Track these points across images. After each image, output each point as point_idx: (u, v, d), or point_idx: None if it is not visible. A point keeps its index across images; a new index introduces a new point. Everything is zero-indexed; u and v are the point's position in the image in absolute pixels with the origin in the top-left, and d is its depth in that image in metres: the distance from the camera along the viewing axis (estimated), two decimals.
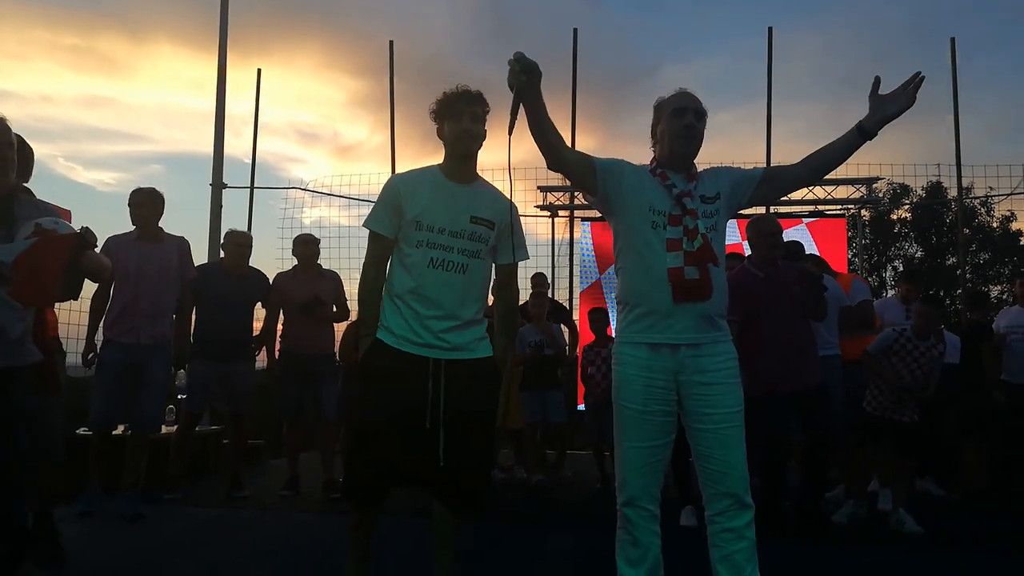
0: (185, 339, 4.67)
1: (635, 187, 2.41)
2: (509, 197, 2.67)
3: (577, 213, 8.81)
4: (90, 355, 4.39)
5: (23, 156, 2.85)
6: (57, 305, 3.44)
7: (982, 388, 5.43)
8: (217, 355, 4.79)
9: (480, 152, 2.62)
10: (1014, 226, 16.86)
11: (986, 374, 5.51)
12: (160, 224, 4.49)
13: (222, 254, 5.20)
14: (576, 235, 8.70)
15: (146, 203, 4.40)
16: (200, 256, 7.25)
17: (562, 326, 6.17)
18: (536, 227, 9.17)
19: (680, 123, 2.40)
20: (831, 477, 4.56)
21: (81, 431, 4.72)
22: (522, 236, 2.73)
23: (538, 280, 6.72)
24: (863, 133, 2.37)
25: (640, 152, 3.00)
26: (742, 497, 2.30)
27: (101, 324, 4.35)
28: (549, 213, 8.90)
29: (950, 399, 5.15)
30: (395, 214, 2.55)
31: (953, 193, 8.93)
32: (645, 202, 2.38)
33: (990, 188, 9.52)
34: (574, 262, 8.65)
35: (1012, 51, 26.52)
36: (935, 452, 5.46)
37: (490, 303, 2.76)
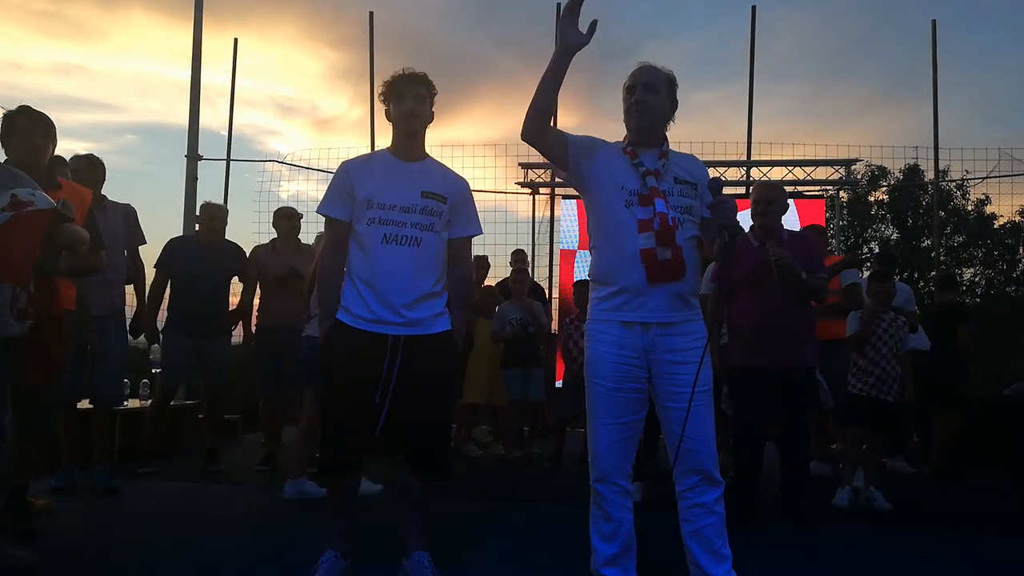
0: (141, 308, 4.54)
1: (607, 165, 2.43)
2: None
3: (558, 191, 8.78)
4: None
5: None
6: None
7: (955, 367, 5.50)
8: (192, 329, 4.74)
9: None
10: (988, 209, 17.10)
11: (960, 354, 5.57)
12: (121, 196, 4.36)
13: (197, 227, 5.12)
14: (557, 213, 8.69)
15: (85, 169, 4.18)
16: (175, 229, 7.20)
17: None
18: (517, 204, 9.14)
19: (630, 99, 2.44)
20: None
21: None
22: (475, 211, 2.78)
23: (518, 257, 6.73)
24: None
25: (621, 129, 2.99)
26: (711, 473, 2.35)
27: None
28: (530, 190, 8.87)
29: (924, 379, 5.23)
30: (347, 197, 2.60)
31: (930, 176, 9.03)
32: (616, 180, 2.40)
33: (966, 171, 9.61)
34: (554, 240, 8.65)
35: (993, 35, 26.71)
36: (906, 430, 5.58)
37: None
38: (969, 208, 17.61)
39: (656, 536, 2.63)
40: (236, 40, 8.56)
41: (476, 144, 9.03)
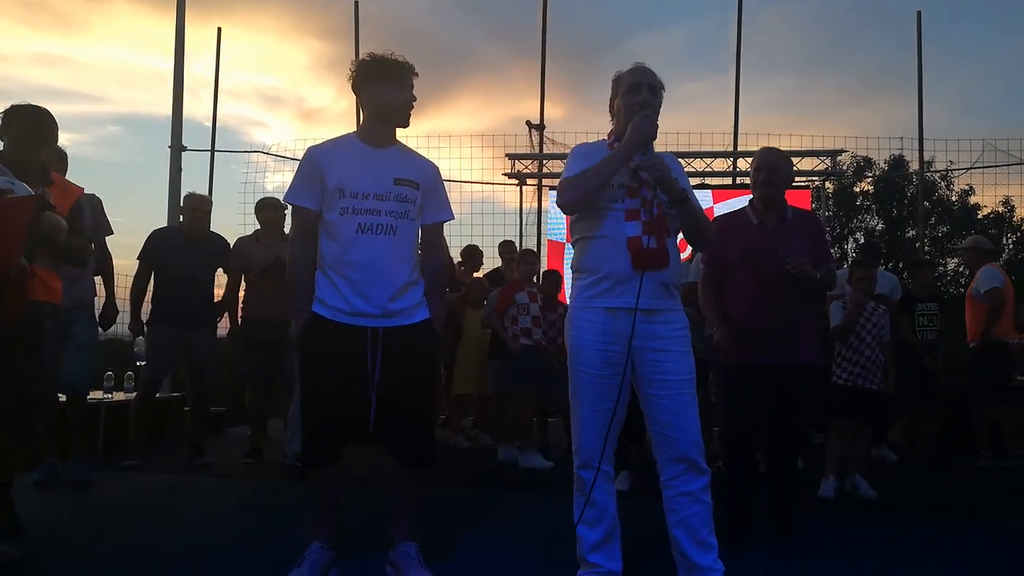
0: (111, 300, 4.40)
1: (595, 161, 2.42)
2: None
3: (545, 182, 8.77)
4: None
5: None
6: None
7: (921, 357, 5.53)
8: (177, 321, 4.70)
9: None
10: (972, 200, 17.24)
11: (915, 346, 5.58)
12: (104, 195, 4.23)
13: (181, 219, 5.07)
14: (544, 204, 8.69)
15: (52, 161, 4.07)
16: (159, 220, 7.14)
17: None
18: (504, 195, 9.16)
19: (635, 99, 2.45)
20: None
21: None
22: (446, 196, 2.76)
23: (507, 248, 6.72)
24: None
25: (609, 121, 2.93)
26: (696, 461, 2.35)
27: None
28: (517, 182, 8.85)
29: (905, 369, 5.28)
30: (316, 185, 2.54)
31: (915, 167, 9.09)
32: None
33: (950, 162, 9.71)
34: (541, 231, 8.64)
35: (978, 28, 26.89)
36: (891, 419, 5.64)
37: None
38: (953, 199, 17.75)
39: (643, 525, 2.63)
40: (220, 30, 8.52)
41: (463, 135, 8.99)
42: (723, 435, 3.49)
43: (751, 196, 3.37)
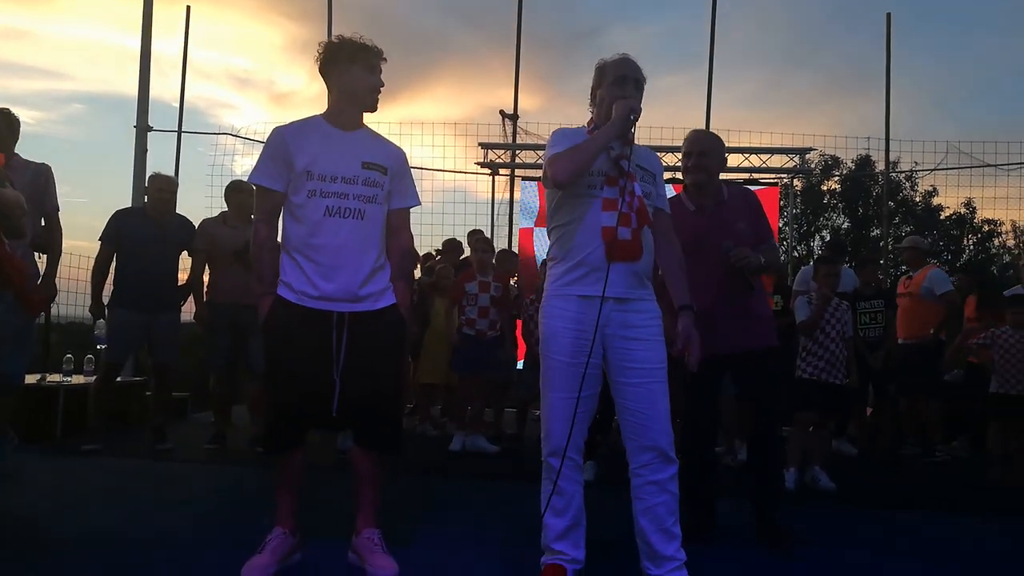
0: (49, 278, 3.96)
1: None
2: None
3: (518, 172, 8.76)
4: None
5: None
6: None
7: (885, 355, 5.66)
8: (139, 304, 4.62)
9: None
10: (936, 201, 17.61)
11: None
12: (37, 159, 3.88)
13: (146, 199, 4.98)
14: (517, 194, 8.67)
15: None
16: (124, 202, 6.99)
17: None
18: (476, 185, 9.12)
19: (620, 92, 2.44)
20: None
21: None
22: (413, 181, 2.75)
23: (476, 236, 6.69)
24: (681, 310, 2.54)
25: (585, 114, 2.89)
26: (665, 451, 2.37)
27: None
28: (490, 171, 8.82)
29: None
30: (283, 166, 2.51)
31: (881, 167, 9.26)
32: None
33: (915, 163, 9.89)
34: (513, 221, 8.64)
35: (946, 32, 27.41)
36: (851, 413, 5.76)
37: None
38: (917, 199, 18.11)
39: (608, 514, 2.65)
40: (188, 8, 8.32)
41: (436, 123, 8.91)
42: (682, 427, 3.19)
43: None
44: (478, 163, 8.77)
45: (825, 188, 18.13)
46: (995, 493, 4.50)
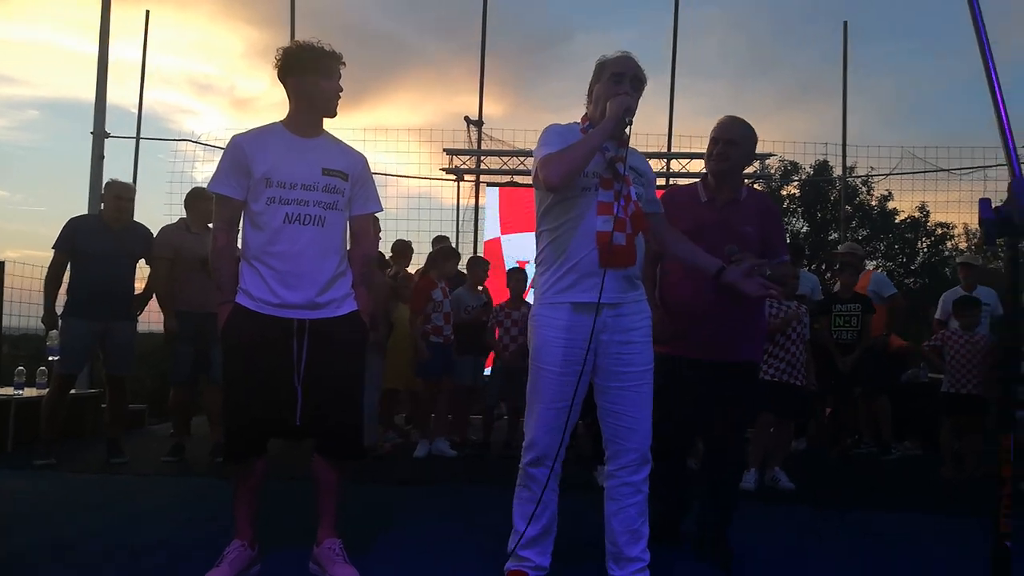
0: None
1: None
2: None
3: (483, 178, 8.77)
4: None
5: None
6: None
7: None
8: (94, 313, 4.51)
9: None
10: (891, 205, 18.05)
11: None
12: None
13: (103, 206, 4.87)
14: (482, 201, 8.67)
15: None
16: (80, 208, 6.83)
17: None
18: (441, 191, 9.08)
19: (616, 89, 2.40)
20: None
21: None
22: (375, 187, 2.74)
23: (440, 242, 6.68)
24: (715, 277, 2.54)
25: (549, 120, 2.82)
26: (646, 452, 2.40)
27: None
28: (455, 177, 8.82)
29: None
30: (242, 174, 2.49)
31: (838, 172, 9.46)
32: None
33: (871, 168, 10.13)
34: (479, 227, 8.64)
35: (900, 41, 28.15)
36: (810, 414, 5.88)
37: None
38: (873, 203, 18.54)
39: (569, 518, 2.66)
40: (148, 12, 8.19)
41: (400, 129, 8.90)
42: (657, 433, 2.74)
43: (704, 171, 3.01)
44: (443, 169, 8.76)
45: (784, 193, 18.44)
46: (949, 489, 4.62)
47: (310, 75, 2.52)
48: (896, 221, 18.74)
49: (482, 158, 8.74)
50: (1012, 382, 1.39)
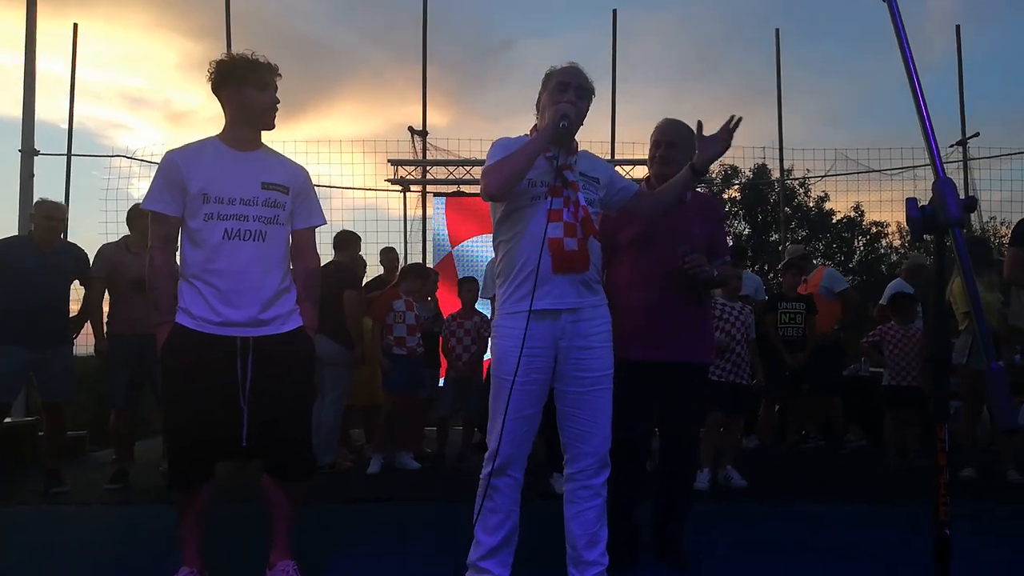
0: None
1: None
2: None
3: (429, 188, 8.74)
4: None
5: None
6: None
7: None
8: (26, 339, 4.32)
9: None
10: (827, 206, 18.64)
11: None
12: None
13: (33, 228, 4.68)
14: (429, 211, 8.64)
15: None
16: (9, 229, 6.58)
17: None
18: (388, 202, 9.02)
19: (559, 98, 2.43)
20: None
21: None
22: (317, 201, 2.71)
23: (388, 255, 6.62)
24: (695, 172, 2.56)
25: (495, 129, 2.83)
26: (605, 456, 2.41)
27: None
28: (401, 188, 8.76)
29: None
30: (177, 191, 2.43)
31: (776, 175, 9.73)
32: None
33: (808, 170, 10.44)
34: (427, 238, 8.60)
35: (833, 46, 29.17)
36: (758, 412, 6.02)
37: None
38: (811, 204, 19.12)
39: (527, 524, 2.66)
40: (76, 25, 7.94)
41: (343, 140, 8.78)
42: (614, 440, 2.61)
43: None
44: (388, 180, 8.69)
45: (726, 196, 18.88)
46: (893, 481, 4.78)
47: (245, 87, 2.47)
48: (833, 221, 19.36)
49: (428, 168, 8.71)
50: (944, 374, 1.44)
